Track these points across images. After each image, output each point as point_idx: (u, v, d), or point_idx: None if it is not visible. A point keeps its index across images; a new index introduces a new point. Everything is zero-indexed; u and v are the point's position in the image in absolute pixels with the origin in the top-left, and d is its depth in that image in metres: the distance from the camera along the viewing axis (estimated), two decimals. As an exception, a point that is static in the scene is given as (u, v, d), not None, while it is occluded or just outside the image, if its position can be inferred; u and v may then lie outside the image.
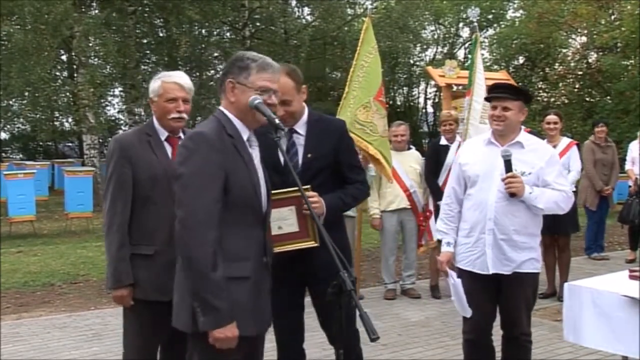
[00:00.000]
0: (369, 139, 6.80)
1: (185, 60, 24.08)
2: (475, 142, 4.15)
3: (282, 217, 3.33)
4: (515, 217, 3.82)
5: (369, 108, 6.86)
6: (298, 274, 3.49)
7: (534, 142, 4.03)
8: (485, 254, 3.85)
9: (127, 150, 3.40)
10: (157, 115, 3.51)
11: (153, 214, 3.35)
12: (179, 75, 3.51)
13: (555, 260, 7.24)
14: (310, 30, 23.21)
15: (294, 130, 3.51)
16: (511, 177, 3.75)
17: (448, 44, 31.33)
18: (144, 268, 3.36)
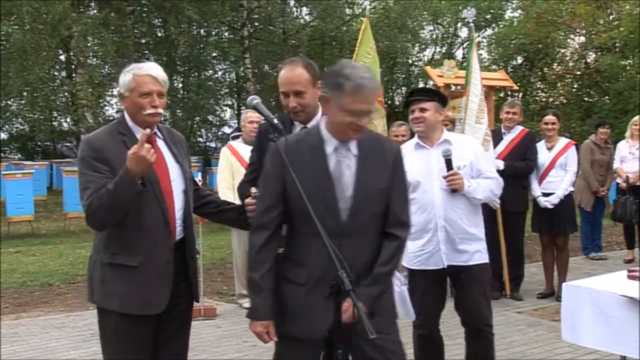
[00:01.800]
0: None
1: (184, 60, 24.10)
2: (404, 148, 4.21)
3: None
4: (460, 210, 4.06)
5: None
6: None
7: (458, 137, 4.36)
8: (440, 250, 4.05)
9: (102, 153, 3.07)
10: (130, 112, 3.17)
11: (134, 222, 3.04)
12: (151, 67, 3.21)
13: (553, 260, 7.25)
14: (309, 30, 23.20)
15: (306, 127, 3.35)
16: (453, 175, 3.98)
17: (446, 44, 31.31)
18: (126, 280, 3.04)
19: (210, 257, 9.19)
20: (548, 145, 7.08)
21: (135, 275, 3.04)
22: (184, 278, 3.22)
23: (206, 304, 6.82)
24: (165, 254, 3.09)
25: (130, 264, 3.05)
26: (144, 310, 3.06)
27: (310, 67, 3.32)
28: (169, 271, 3.11)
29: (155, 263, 3.06)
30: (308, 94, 3.28)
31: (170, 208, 3.12)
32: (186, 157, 3.34)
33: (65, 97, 21.45)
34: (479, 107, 6.89)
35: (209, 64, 25.42)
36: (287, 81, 3.27)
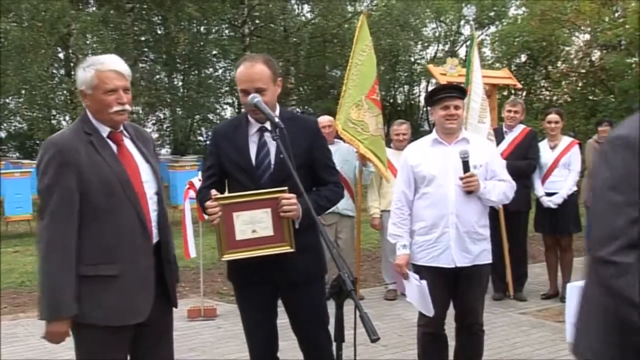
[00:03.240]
0: (360, 138, 6.84)
1: (184, 57, 24.06)
2: (420, 144, 4.35)
3: (257, 220, 3.23)
4: (472, 210, 4.12)
5: (360, 106, 6.90)
6: (271, 279, 3.36)
7: (475, 137, 4.42)
8: (450, 248, 4.09)
9: (70, 156, 2.88)
10: (94, 110, 3.01)
11: (110, 228, 2.92)
12: (113, 61, 3.03)
13: (557, 261, 7.25)
14: (310, 27, 23.18)
15: (265, 129, 3.34)
16: (469, 177, 4.03)
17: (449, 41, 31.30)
18: (107, 291, 2.92)
19: (210, 257, 9.21)
20: (551, 144, 7.08)
21: (116, 285, 2.93)
22: (160, 283, 3.12)
23: (206, 304, 6.83)
24: (145, 259, 3.02)
25: (110, 273, 2.92)
26: (126, 320, 2.97)
27: (270, 63, 3.31)
28: (150, 276, 3.04)
29: (136, 269, 2.98)
30: (269, 92, 3.27)
31: (145, 210, 3.03)
32: (155, 156, 3.25)
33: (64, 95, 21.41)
34: (481, 106, 6.90)
35: (209, 62, 25.39)
36: (247, 78, 3.24)
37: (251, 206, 3.21)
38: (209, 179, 3.46)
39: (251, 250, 3.22)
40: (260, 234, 3.23)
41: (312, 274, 3.41)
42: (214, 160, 3.45)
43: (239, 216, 3.21)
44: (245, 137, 3.36)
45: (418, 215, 4.19)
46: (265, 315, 3.46)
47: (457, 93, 4.19)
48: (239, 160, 3.34)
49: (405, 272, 4.14)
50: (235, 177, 3.36)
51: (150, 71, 22.90)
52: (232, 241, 3.22)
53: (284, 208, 3.17)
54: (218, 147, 3.42)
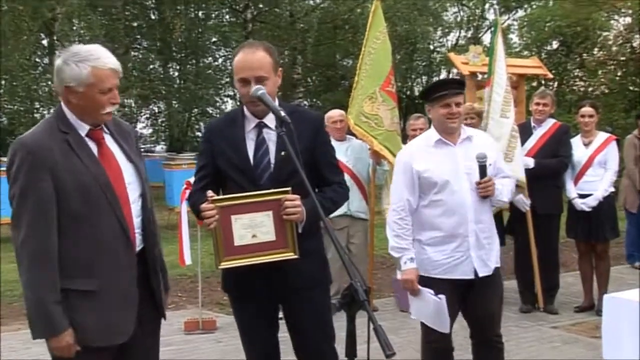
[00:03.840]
0: (374, 133, 6.85)
1: (180, 46, 24.15)
2: (420, 145, 4.31)
3: (257, 223, 3.20)
4: (488, 213, 4.21)
5: (374, 99, 6.90)
6: (271, 288, 3.34)
7: (476, 133, 4.42)
8: (470, 257, 4.12)
9: (43, 157, 2.84)
10: (80, 109, 2.96)
11: (88, 237, 2.90)
12: (108, 57, 2.98)
13: (592, 270, 7.22)
14: (319, 12, 23.22)
15: (264, 124, 3.35)
16: (488, 181, 4.09)
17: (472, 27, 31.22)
18: (85, 308, 2.90)
19: (209, 264, 9.21)
20: (585, 140, 7.05)
21: (94, 301, 2.91)
22: (147, 295, 3.12)
23: (205, 315, 6.85)
24: (127, 272, 2.99)
25: (88, 288, 2.90)
26: (107, 341, 2.95)
27: (271, 50, 3.31)
28: (133, 290, 3.01)
29: (117, 284, 2.95)
30: (270, 82, 3.25)
31: (127, 217, 3.00)
32: (137, 152, 3.21)
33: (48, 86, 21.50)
34: (504, 99, 6.87)
35: (208, 50, 25.47)
36: (247, 66, 3.22)
37: (251, 208, 3.19)
38: (201, 180, 3.45)
39: (251, 257, 3.20)
40: (261, 239, 3.21)
41: (315, 280, 3.42)
42: (207, 160, 3.43)
43: (238, 220, 3.19)
44: (241, 134, 3.35)
45: (428, 224, 4.18)
46: (265, 329, 3.46)
47: (458, 88, 4.22)
48: (235, 159, 3.32)
49: (417, 288, 4.13)
50: (232, 177, 3.34)
51: (143, 60, 23.01)
52: (231, 247, 3.20)
53: (288, 210, 3.15)
54: (211, 144, 3.41)
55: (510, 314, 6.90)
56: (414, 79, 30.81)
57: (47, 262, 2.84)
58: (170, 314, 7.45)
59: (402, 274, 4.22)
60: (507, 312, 6.97)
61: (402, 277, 4.22)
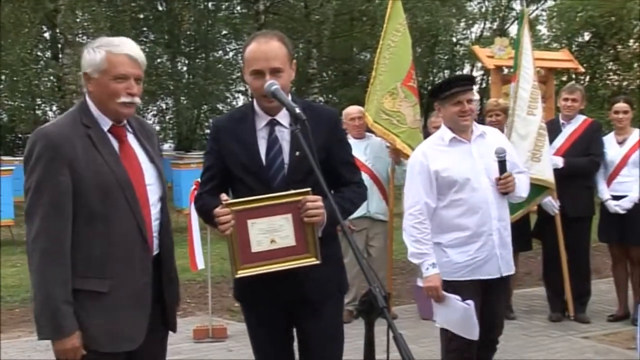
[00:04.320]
0: (396, 131, 6.84)
1: (189, 38, 24.26)
2: (435, 144, 4.41)
3: (275, 228, 3.13)
4: (507, 210, 4.37)
5: (395, 95, 6.90)
6: (283, 296, 3.27)
7: (487, 128, 4.58)
8: (496, 256, 4.25)
9: (64, 150, 2.88)
10: (98, 99, 3.02)
11: (104, 237, 2.93)
12: (129, 45, 3.04)
13: (627, 276, 7.17)
14: (335, 3, 23.17)
15: (276, 122, 3.28)
16: (508, 177, 4.21)
17: (498, 18, 31.14)
18: (95, 309, 2.93)
19: (219, 268, 9.25)
20: (619, 138, 7.00)
21: (105, 304, 2.93)
22: (158, 303, 3.13)
23: (215, 323, 6.86)
24: (141, 275, 3.01)
25: (100, 289, 2.92)
26: (116, 347, 2.96)
27: (286, 41, 3.26)
28: (146, 295, 3.03)
29: (130, 286, 2.97)
30: (285, 74, 3.20)
31: (147, 218, 3.04)
32: (158, 154, 3.26)
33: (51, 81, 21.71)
34: (531, 95, 6.83)
35: (218, 44, 25.57)
36: (262, 56, 3.15)
37: (268, 212, 3.12)
38: (209, 181, 3.39)
39: (270, 264, 3.14)
40: (280, 245, 3.14)
41: (329, 291, 3.36)
42: (215, 160, 3.37)
43: (255, 224, 3.12)
44: (252, 132, 3.29)
45: (448, 225, 4.27)
46: (278, 340, 3.42)
47: (468, 84, 4.34)
48: (245, 159, 3.27)
49: (442, 295, 4.17)
50: (242, 179, 3.29)
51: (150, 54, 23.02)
52: (248, 254, 3.12)
53: (310, 212, 3.08)
54: (219, 144, 3.34)
55: (538, 323, 6.89)
56: (435, 73, 30.76)
57: (59, 259, 2.87)
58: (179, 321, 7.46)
59: (424, 280, 4.26)
60: (535, 321, 6.97)
61: (425, 284, 4.25)
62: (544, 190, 6.65)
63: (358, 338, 3.00)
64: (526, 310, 7.38)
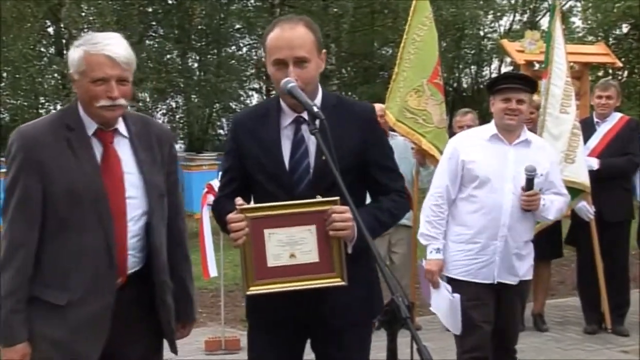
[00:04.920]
0: (422, 131, 6.82)
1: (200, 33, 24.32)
2: (474, 136, 4.62)
3: (296, 240, 2.89)
4: (526, 221, 4.43)
5: (421, 93, 6.88)
6: (301, 318, 3.07)
7: (537, 139, 4.72)
8: (494, 262, 4.37)
9: (36, 153, 2.87)
10: (82, 100, 2.98)
11: (70, 247, 2.88)
12: (110, 42, 2.93)
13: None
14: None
15: (303, 120, 3.02)
16: (533, 195, 4.30)
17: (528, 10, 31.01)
18: (50, 321, 2.90)
19: (232, 276, 9.27)
20: (660, 140, 6.96)
21: (61, 317, 2.88)
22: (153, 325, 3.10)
23: (228, 334, 6.89)
24: (104, 295, 2.92)
25: (56, 302, 2.88)
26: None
27: (314, 28, 3.05)
28: (105, 318, 2.93)
29: (89, 305, 2.89)
30: (312, 64, 3.00)
31: (119, 234, 2.94)
32: (163, 163, 3.14)
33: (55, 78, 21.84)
34: (564, 92, 6.80)
35: (231, 39, 25.62)
36: (286, 44, 2.94)
37: (289, 221, 2.88)
38: (227, 185, 3.19)
39: (287, 281, 2.88)
40: (301, 260, 2.89)
41: (354, 318, 3.11)
42: (234, 161, 3.16)
43: (273, 235, 2.88)
44: (275, 131, 3.06)
45: (459, 219, 4.47)
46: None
47: (524, 85, 4.40)
48: (266, 161, 3.04)
49: (437, 280, 4.41)
50: (262, 184, 3.06)
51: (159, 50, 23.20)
52: (262, 268, 2.88)
53: (337, 225, 2.83)
54: (239, 143, 3.13)
55: (573, 335, 6.86)
56: (461, 69, 30.68)
57: (12, 264, 2.86)
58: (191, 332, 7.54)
59: (427, 263, 4.49)
60: (570, 333, 6.94)
61: (426, 267, 4.48)
62: (578, 194, 6.61)
63: (379, 350, 2.99)
64: (560, 322, 7.35)
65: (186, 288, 3.30)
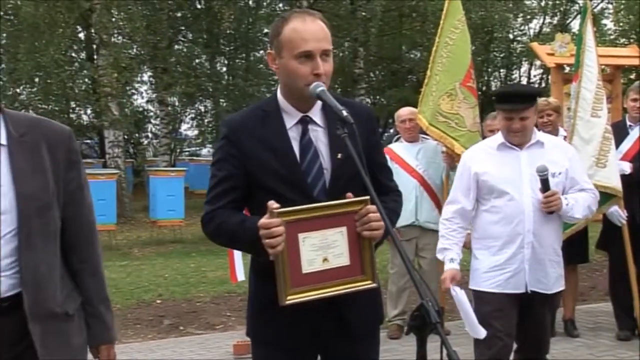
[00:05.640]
0: (455, 135, 6.80)
1: (229, 38, 24.41)
2: (484, 147, 4.61)
3: (328, 244, 2.76)
4: (552, 226, 4.38)
5: (454, 96, 6.88)
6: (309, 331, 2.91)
7: (551, 138, 4.65)
8: (524, 271, 4.32)
9: None
10: None
11: None
12: None
13: None
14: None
15: (309, 119, 2.94)
16: (551, 196, 4.23)
17: (559, 12, 30.80)
18: None
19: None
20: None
21: None
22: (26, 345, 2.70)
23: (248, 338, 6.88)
24: None
25: None
26: None
27: (326, 22, 2.92)
28: None
29: None
30: (331, 60, 2.90)
31: None
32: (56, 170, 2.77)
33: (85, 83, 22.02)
34: (595, 95, 6.73)
35: (259, 43, 25.65)
36: (312, 36, 2.80)
37: (322, 224, 2.74)
38: (224, 195, 2.92)
39: (322, 287, 2.76)
40: (333, 264, 2.76)
41: (370, 324, 3.07)
42: (233, 169, 2.92)
43: (307, 239, 2.73)
44: (282, 133, 2.92)
45: (483, 230, 4.46)
46: None
47: (524, 102, 4.31)
48: (279, 166, 2.88)
49: (448, 287, 4.37)
50: (274, 190, 2.84)
51: (188, 54, 23.34)
52: (298, 275, 2.72)
53: (373, 225, 2.74)
54: (242, 148, 2.91)
55: (605, 341, 6.79)
56: (490, 72, 30.53)
57: None
58: (219, 336, 7.57)
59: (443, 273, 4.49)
60: (602, 339, 6.87)
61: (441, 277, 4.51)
62: (610, 199, 6.54)
63: (409, 354, 2.99)
64: (592, 328, 7.28)
65: (95, 308, 2.92)
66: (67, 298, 2.82)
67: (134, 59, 20.70)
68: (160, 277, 10.69)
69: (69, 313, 2.80)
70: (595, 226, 7.16)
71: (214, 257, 11.14)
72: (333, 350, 2.99)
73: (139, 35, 19.17)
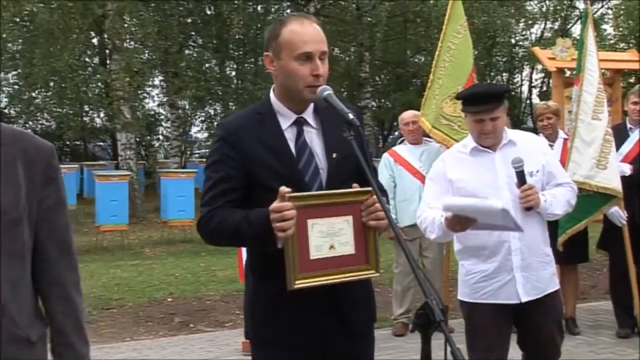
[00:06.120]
0: (458, 137, 6.77)
1: (238, 43, 24.47)
2: (456, 152, 4.27)
3: (335, 231, 2.76)
4: (537, 227, 4.08)
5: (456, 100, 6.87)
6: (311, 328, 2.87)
7: (522, 135, 4.31)
8: (514, 279, 4.02)
9: None
10: None
11: None
12: None
13: None
14: (388, 5, 23.19)
15: (303, 121, 2.92)
16: (528, 190, 3.92)
17: (560, 17, 30.78)
18: None
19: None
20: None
21: None
22: None
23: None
24: None
25: None
26: None
27: (322, 26, 2.91)
28: None
29: None
30: (327, 62, 2.89)
31: None
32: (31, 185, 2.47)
33: (99, 87, 22.11)
34: (596, 98, 6.71)
35: (267, 48, 25.75)
36: (311, 38, 2.80)
37: (330, 211, 2.75)
38: (222, 196, 2.86)
39: (328, 274, 2.75)
40: (339, 252, 2.77)
41: (367, 322, 3.06)
42: (232, 170, 2.86)
43: (315, 225, 2.73)
44: (279, 134, 2.89)
45: (470, 240, 4.10)
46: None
47: (494, 101, 4.00)
48: (279, 167, 2.84)
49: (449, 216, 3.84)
50: (274, 191, 2.72)
51: (198, 59, 23.37)
52: (306, 261, 2.72)
53: (379, 214, 2.75)
54: (242, 149, 2.86)
55: (605, 339, 6.76)
56: (493, 76, 30.52)
57: None
58: (228, 333, 7.57)
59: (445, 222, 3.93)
60: (603, 337, 6.84)
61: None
62: (611, 199, 6.52)
63: (413, 352, 2.97)
64: (592, 326, 7.25)
65: (65, 337, 2.56)
66: (32, 323, 2.51)
67: (145, 64, 20.73)
68: (171, 276, 10.69)
69: (31, 339, 2.48)
70: (596, 226, 7.13)
71: (224, 256, 11.14)
72: (333, 348, 2.93)
73: (151, 40, 19.21)
